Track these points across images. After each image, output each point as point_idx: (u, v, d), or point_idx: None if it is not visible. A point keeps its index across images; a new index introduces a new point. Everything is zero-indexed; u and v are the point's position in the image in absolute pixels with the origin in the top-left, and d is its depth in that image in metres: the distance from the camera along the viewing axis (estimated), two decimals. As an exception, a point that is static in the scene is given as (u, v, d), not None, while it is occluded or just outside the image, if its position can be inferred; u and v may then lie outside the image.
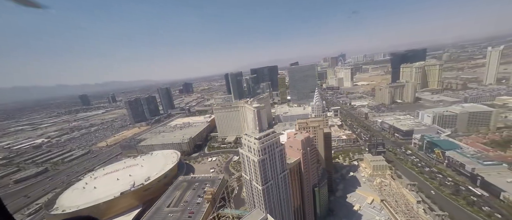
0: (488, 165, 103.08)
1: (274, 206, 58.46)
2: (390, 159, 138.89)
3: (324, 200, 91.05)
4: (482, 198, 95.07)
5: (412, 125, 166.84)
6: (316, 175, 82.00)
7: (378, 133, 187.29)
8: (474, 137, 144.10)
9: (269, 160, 54.05)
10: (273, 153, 54.84)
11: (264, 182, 53.87)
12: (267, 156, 53.35)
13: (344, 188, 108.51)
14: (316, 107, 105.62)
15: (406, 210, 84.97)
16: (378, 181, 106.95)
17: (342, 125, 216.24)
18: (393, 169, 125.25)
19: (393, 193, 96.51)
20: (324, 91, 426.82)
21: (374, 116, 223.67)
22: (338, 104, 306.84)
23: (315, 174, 79.09)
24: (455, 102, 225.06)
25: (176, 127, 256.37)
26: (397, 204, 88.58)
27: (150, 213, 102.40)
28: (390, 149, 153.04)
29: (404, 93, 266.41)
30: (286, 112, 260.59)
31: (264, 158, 52.83)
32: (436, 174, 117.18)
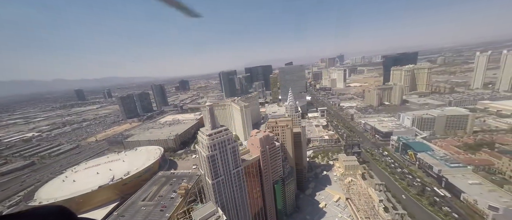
0: (454, 167, 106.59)
1: (228, 200, 61.35)
2: (367, 159, 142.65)
3: (291, 196, 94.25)
4: (444, 199, 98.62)
5: (392, 127, 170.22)
6: (281, 172, 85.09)
7: (361, 133, 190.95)
8: (450, 140, 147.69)
9: (220, 156, 56.85)
10: (225, 150, 57.63)
11: (214, 177, 56.72)
12: (218, 152, 56.14)
13: (315, 186, 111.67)
14: (290, 107, 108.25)
15: (367, 208, 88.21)
16: (348, 180, 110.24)
17: (327, 125, 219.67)
18: (367, 169, 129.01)
19: (359, 192, 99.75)
20: (317, 92, 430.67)
21: (360, 117, 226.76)
22: (328, 105, 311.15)
23: (278, 171, 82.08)
24: (440, 105, 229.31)
25: (165, 124, 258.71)
26: (360, 202, 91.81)
27: (124, 207, 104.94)
28: (368, 149, 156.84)
29: (392, 96, 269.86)
30: (275, 111, 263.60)
31: (214, 153, 55.62)
32: (406, 174, 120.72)
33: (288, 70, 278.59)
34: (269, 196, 76.43)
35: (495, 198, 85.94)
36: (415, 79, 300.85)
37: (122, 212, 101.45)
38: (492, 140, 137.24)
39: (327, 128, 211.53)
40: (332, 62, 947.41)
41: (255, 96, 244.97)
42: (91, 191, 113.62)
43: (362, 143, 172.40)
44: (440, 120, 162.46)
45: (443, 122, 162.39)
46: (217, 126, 58.73)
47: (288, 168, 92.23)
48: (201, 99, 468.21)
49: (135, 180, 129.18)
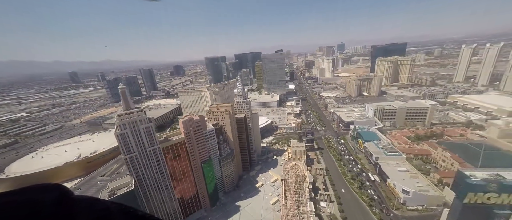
0: (390, 155, 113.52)
1: (146, 174, 69.16)
2: (322, 146, 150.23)
3: (230, 175, 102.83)
4: (374, 183, 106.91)
5: (355, 117, 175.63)
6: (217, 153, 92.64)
7: (328, 122, 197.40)
8: (405, 131, 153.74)
9: (132, 134, 63.47)
10: (137, 129, 64.11)
11: (127, 153, 63.93)
12: (128, 131, 62.70)
13: (260, 168, 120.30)
14: (238, 94, 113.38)
15: (297, 188, 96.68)
16: (292, 164, 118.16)
17: (300, 113, 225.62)
18: (317, 155, 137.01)
19: (297, 174, 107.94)
20: (305, 80, 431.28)
21: (334, 106, 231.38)
22: (310, 94, 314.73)
23: (212, 152, 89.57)
24: (414, 97, 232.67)
25: (146, 108, 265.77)
26: (292, 183, 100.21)
27: (83, 181, 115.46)
28: (329, 137, 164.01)
29: (371, 87, 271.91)
30: (255, 99, 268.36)
31: (124, 132, 62.25)
32: (351, 161, 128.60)
33: (269, 58, 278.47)
34: (198, 173, 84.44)
35: (413, 183, 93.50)
36: (398, 71, 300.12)
37: (80, 185, 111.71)
38: (441, 132, 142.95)
39: (299, 116, 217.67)
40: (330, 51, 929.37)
41: (233, 83, 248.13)
42: (56, 167, 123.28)
43: (326, 131, 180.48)
44: (401, 112, 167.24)
45: (403, 113, 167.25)
46: (130, 107, 64.64)
47: (227, 150, 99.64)
48: (191, 85, 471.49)
49: (101, 158, 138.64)
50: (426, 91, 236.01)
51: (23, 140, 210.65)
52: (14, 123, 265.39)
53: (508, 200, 55.38)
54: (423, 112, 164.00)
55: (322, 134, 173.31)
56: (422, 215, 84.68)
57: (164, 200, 75.85)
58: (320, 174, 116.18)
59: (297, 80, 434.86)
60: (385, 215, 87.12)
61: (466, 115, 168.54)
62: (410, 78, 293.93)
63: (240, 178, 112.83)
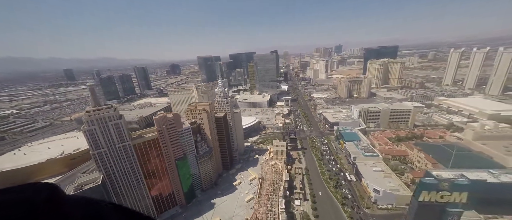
0: (367, 156, 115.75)
1: (116, 170, 70.40)
2: (306, 146, 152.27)
3: (208, 173, 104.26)
4: (350, 183, 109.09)
5: (341, 118, 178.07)
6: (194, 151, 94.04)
7: (315, 123, 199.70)
8: (387, 132, 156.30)
9: (100, 130, 64.71)
10: (106, 125, 65.36)
11: (95, 148, 65.18)
12: (96, 127, 63.93)
13: (241, 167, 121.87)
14: (219, 93, 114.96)
15: (272, 186, 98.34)
16: (272, 163, 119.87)
17: (289, 114, 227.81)
18: (300, 155, 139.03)
19: (275, 173, 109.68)
20: (298, 81, 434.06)
21: (323, 107, 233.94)
22: (302, 95, 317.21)
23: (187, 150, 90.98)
24: (402, 99, 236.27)
25: (137, 106, 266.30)
26: (268, 181, 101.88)
27: (64, 177, 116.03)
28: (314, 137, 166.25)
29: (361, 89, 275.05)
30: (245, 99, 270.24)
31: (92, 128, 63.49)
32: (331, 161, 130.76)
33: (261, 58, 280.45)
34: (172, 170, 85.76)
35: (385, 183, 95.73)
36: (388, 73, 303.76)
37: (59, 182, 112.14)
38: (422, 134, 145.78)
39: (288, 117, 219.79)
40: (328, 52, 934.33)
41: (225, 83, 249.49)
42: (38, 163, 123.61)
43: (311, 131, 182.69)
44: (385, 113, 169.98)
45: (387, 115, 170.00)
46: (99, 104, 65.91)
47: (204, 148, 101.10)
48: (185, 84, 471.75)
49: (84, 155, 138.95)
50: (414, 93, 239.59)
51: (10, 137, 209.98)
52: (3, 120, 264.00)
53: (459, 198, 57.63)
54: (406, 113, 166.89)
55: (308, 134, 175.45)
56: (391, 214, 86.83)
57: (136, 196, 77.08)
58: (299, 173, 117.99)
59: (291, 81, 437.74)
60: (356, 213, 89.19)
61: (448, 117, 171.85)
62: (400, 80, 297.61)
63: (220, 176, 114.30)
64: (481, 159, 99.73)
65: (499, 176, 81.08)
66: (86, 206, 2.67)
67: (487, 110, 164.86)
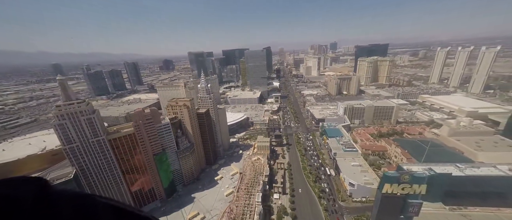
0: (347, 151, 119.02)
1: (91, 165, 70.68)
2: (291, 142, 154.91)
3: (190, 168, 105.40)
4: (330, 177, 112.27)
5: (327, 114, 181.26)
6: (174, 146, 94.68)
7: (303, 119, 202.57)
8: (370, 129, 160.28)
9: (72, 125, 64.62)
10: (78, 120, 65.27)
11: (67, 143, 65.17)
12: (67, 121, 63.81)
13: (224, 162, 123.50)
14: (201, 89, 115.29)
15: (252, 180, 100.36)
16: (255, 158, 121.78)
17: (278, 110, 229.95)
18: (284, 150, 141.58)
19: (257, 168, 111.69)
20: (291, 78, 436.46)
21: (312, 104, 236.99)
22: (293, 92, 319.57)
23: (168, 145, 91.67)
24: (389, 97, 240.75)
25: (126, 102, 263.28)
26: (250, 176, 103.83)
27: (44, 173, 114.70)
28: (300, 133, 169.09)
29: (350, 86, 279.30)
30: (236, 95, 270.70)
31: (63, 122, 63.35)
32: (314, 156, 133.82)
33: (251, 55, 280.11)
34: (151, 165, 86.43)
35: (361, 177, 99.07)
36: (377, 71, 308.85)
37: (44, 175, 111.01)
38: (402, 130, 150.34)
39: (277, 113, 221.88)
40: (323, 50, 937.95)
41: (214, 79, 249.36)
42: (17, 160, 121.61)
43: (298, 127, 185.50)
44: (369, 110, 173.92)
45: (371, 112, 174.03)
46: (71, 98, 65.60)
47: (186, 143, 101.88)
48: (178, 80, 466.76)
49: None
50: (400, 91, 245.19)
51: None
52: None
53: (419, 190, 60.83)
54: (389, 110, 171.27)
55: (295, 130, 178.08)
56: (364, 206, 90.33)
57: (114, 191, 77.62)
58: (281, 168, 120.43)
59: (284, 78, 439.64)
60: (331, 206, 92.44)
61: (430, 115, 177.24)
62: (389, 78, 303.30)
63: (202, 171, 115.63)
64: (452, 154, 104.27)
65: (465, 169, 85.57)
66: (78, 201, 2.56)
67: (466, 108, 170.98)
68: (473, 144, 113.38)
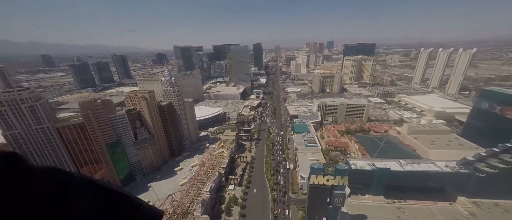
0: (308, 146, 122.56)
1: (34, 152, 72.67)
2: (261, 137, 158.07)
3: (149, 159, 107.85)
4: (288, 171, 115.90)
5: (302, 111, 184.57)
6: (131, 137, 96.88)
7: (280, 115, 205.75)
8: (340, 126, 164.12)
9: (12, 112, 66.33)
10: (18, 107, 66.97)
11: (7, 129, 67.01)
12: (7, 108, 65.51)
13: (189, 154, 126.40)
14: (165, 82, 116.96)
15: (209, 172, 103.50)
16: (219, 151, 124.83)
17: (258, 106, 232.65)
18: (252, 145, 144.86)
19: (217, 160, 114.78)
20: (281, 75, 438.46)
21: (292, 101, 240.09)
22: (278, 88, 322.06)
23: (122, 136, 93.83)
24: (369, 95, 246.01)
25: (107, 95, 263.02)
26: (208, 168, 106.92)
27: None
28: (274, 129, 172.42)
29: (334, 84, 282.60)
30: (220, 90, 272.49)
31: (1, 109, 65.05)
32: (279, 151, 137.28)
33: (236, 51, 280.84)
34: (104, 155, 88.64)
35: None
36: (361, 70, 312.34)
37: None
38: (369, 128, 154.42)
39: (257, 109, 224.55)
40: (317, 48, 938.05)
41: (197, 74, 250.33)
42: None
43: (273, 123, 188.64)
44: (342, 108, 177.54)
45: (344, 109, 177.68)
46: (11, 86, 66.96)
47: (145, 134, 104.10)
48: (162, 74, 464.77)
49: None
50: (380, 90, 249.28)
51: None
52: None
53: (342, 182, 64.35)
54: (361, 108, 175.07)
55: (269, 125, 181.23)
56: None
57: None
58: (243, 162, 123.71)
59: (274, 75, 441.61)
60: (281, 197, 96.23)
61: (400, 114, 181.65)
62: (372, 77, 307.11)
63: (165, 162, 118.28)
64: (403, 151, 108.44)
65: (405, 165, 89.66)
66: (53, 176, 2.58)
67: (435, 107, 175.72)
68: (428, 142, 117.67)
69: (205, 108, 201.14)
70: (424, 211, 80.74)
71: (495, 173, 78.99)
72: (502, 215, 76.85)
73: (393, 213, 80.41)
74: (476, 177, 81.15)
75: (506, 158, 78.99)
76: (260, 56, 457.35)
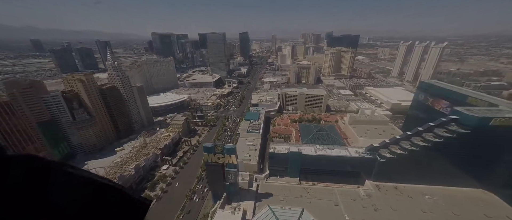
0: (249, 132, 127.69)
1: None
2: (217, 124, 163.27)
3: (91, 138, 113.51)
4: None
5: (263, 100, 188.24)
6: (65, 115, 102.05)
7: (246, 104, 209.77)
8: (295, 115, 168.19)
9: None
10: None
11: None
12: None
13: (136, 137, 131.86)
14: (109, 66, 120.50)
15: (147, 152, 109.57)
16: (166, 134, 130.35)
17: (229, 94, 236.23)
18: (205, 130, 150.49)
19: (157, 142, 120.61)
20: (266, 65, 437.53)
21: (263, 90, 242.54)
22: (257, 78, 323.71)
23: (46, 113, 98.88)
24: (341, 87, 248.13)
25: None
26: (148, 149, 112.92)
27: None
28: (232, 116, 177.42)
29: (309, 75, 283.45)
30: (195, 79, 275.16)
31: None
32: (227, 137, 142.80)
33: (212, 39, 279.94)
34: (36, 134, 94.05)
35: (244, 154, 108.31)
36: (340, 62, 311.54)
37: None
38: (320, 117, 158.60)
39: (226, 97, 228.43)
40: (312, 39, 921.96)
41: (170, 61, 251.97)
42: None
43: (235, 111, 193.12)
44: (301, 98, 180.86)
45: (303, 99, 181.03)
46: None
47: (84, 115, 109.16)
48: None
49: None
50: (351, 82, 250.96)
51: None
52: None
53: (231, 160, 69.82)
54: (319, 99, 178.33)
55: (230, 113, 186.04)
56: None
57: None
58: (188, 145, 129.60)
59: (260, 65, 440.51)
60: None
61: (359, 105, 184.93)
62: (351, 69, 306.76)
63: (111, 143, 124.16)
64: (331, 137, 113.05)
65: (320, 150, 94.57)
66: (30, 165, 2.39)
67: (393, 100, 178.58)
68: (363, 131, 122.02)
69: (171, 95, 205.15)
70: (327, 192, 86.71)
71: (394, 158, 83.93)
72: (394, 197, 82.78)
73: (297, 193, 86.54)
74: (379, 162, 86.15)
75: (404, 145, 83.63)
76: (247, 46, 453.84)
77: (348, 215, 75.00)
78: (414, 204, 79.25)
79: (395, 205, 78.60)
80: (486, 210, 75.07)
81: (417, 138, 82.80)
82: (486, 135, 73.51)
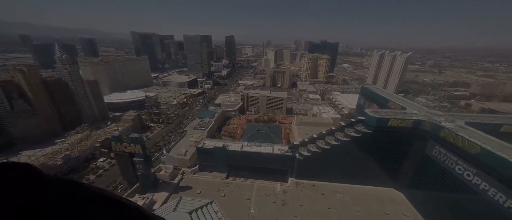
0: (196, 130, 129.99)
1: None
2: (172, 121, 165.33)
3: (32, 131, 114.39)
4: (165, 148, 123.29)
5: (227, 101, 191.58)
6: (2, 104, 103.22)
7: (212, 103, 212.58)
8: (251, 115, 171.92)
9: None
10: None
11: None
12: None
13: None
14: (57, 59, 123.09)
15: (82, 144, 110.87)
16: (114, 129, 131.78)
17: (199, 94, 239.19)
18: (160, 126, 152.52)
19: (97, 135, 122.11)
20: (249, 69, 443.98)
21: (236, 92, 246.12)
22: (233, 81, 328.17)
23: None
24: (313, 92, 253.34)
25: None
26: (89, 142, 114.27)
27: None
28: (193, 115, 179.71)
29: (285, 79, 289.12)
30: (170, 78, 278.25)
31: None
32: (177, 133, 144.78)
33: (190, 40, 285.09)
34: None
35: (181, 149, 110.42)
36: (317, 68, 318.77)
37: None
38: (277, 119, 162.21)
39: (197, 97, 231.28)
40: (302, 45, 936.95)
41: (143, 60, 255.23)
42: None
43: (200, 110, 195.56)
44: (263, 99, 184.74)
45: (265, 101, 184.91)
46: None
47: (24, 106, 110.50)
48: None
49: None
50: (322, 88, 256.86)
51: None
52: None
53: (136, 150, 72.25)
54: (280, 101, 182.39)
55: (195, 112, 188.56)
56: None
57: None
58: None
59: (244, 69, 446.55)
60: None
61: (320, 109, 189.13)
62: (326, 76, 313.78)
63: (56, 135, 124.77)
64: (269, 136, 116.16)
65: (246, 146, 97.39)
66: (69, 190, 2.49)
67: (351, 105, 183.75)
68: (305, 132, 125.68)
69: (138, 92, 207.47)
70: (246, 187, 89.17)
71: (310, 156, 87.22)
72: (307, 193, 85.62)
73: (217, 187, 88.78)
74: (297, 160, 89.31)
75: (319, 143, 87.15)
76: (232, 48, 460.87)
77: (254, 208, 77.39)
78: (323, 201, 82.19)
79: (304, 201, 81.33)
80: (387, 208, 78.40)
81: (331, 137, 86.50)
82: (386, 135, 77.64)
